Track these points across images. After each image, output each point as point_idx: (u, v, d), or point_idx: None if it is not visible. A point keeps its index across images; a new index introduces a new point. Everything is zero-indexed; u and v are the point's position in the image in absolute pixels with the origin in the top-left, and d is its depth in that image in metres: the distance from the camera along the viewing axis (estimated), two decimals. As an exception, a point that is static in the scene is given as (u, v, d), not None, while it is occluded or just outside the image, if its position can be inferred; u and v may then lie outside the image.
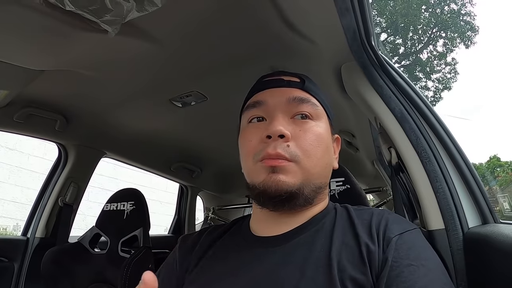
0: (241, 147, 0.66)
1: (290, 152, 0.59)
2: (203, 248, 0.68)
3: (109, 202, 1.44)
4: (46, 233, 1.38)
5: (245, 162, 0.64)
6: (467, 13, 11.62)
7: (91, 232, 1.40)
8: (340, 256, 0.54)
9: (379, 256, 0.53)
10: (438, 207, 0.71)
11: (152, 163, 1.81)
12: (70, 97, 1.22)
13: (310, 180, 0.60)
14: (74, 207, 1.46)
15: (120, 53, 0.94)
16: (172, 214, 2.20)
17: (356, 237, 0.56)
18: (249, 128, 0.65)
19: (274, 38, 0.90)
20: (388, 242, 0.54)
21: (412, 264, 0.50)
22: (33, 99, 1.19)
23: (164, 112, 1.33)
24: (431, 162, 0.75)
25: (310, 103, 0.65)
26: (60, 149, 1.45)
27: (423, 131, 0.78)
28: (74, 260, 1.32)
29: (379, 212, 0.62)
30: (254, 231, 0.66)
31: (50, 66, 0.97)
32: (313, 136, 0.62)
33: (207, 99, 1.23)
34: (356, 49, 0.85)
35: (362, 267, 0.52)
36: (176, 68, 1.04)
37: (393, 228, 0.57)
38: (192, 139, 1.65)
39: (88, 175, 1.52)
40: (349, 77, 0.93)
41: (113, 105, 1.27)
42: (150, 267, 1.23)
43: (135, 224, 1.37)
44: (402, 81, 0.85)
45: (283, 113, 0.63)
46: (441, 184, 0.72)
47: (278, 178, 0.57)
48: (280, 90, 0.66)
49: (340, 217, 0.63)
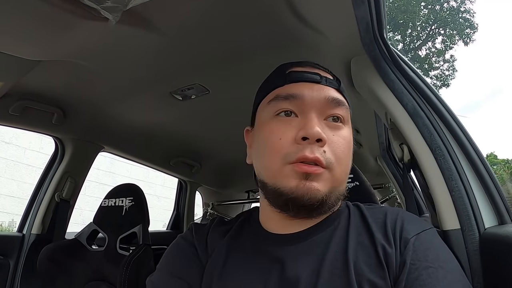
0: (264, 143, 0.59)
1: (326, 159, 0.54)
2: (216, 239, 0.65)
3: (107, 197, 1.41)
4: (42, 230, 1.35)
5: (268, 161, 0.57)
6: (466, 10, 11.64)
7: (88, 228, 1.37)
8: (357, 258, 0.52)
9: (397, 259, 0.51)
10: (453, 206, 0.68)
11: (151, 157, 1.77)
12: (67, 89, 1.18)
13: (336, 188, 0.57)
14: (71, 203, 1.42)
15: (120, 43, 0.90)
16: (169, 208, 2.17)
17: (371, 237, 0.55)
18: (277, 123, 0.58)
19: (281, 30, 0.86)
20: (406, 243, 0.52)
21: (431, 266, 0.49)
22: (29, 91, 1.15)
23: (164, 105, 1.30)
24: (446, 159, 0.72)
25: (345, 106, 0.61)
26: (57, 143, 1.41)
27: (436, 127, 0.76)
28: (71, 257, 1.28)
29: (392, 210, 0.60)
30: (267, 228, 0.63)
31: (47, 56, 0.93)
32: (345, 143, 0.58)
33: (209, 92, 1.20)
34: (367, 42, 0.82)
35: (380, 270, 0.51)
36: (179, 59, 1.00)
37: (409, 228, 0.55)
38: (192, 133, 1.61)
39: (85, 170, 1.48)
40: (359, 71, 0.90)
41: (112, 97, 1.24)
42: (150, 265, 1.21)
43: (134, 220, 1.34)
44: (414, 76, 0.82)
45: (318, 112, 0.58)
46: (457, 183, 0.69)
47: (312, 186, 0.53)
48: (318, 87, 0.60)
49: (353, 216, 0.60)
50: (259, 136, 0.62)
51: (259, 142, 0.62)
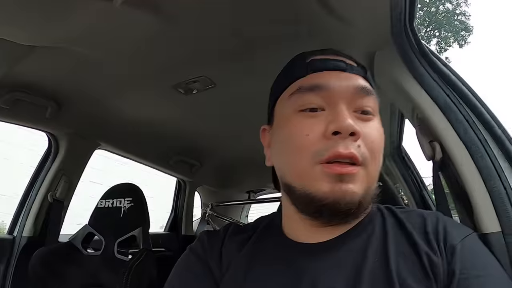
0: (288, 141, 0.53)
1: (362, 154, 0.49)
2: (232, 251, 0.58)
3: (103, 198, 1.33)
4: (34, 232, 1.26)
5: (295, 160, 0.52)
6: (461, 13, 11.67)
7: (83, 231, 1.29)
8: (399, 267, 0.47)
9: (444, 268, 0.47)
10: (493, 208, 0.63)
11: (150, 156, 1.69)
12: (63, 80, 1.09)
13: (370, 187, 0.52)
14: (65, 204, 1.33)
15: (124, 30, 0.82)
16: (162, 209, 2.08)
17: (413, 245, 0.49)
18: (301, 118, 0.52)
19: (301, 18, 0.80)
20: (452, 251, 0.48)
21: (480, 275, 0.46)
22: (21, 82, 1.06)
23: (167, 99, 1.23)
24: (483, 157, 0.66)
25: (373, 96, 0.55)
26: (50, 139, 1.32)
27: (471, 123, 0.70)
28: (65, 262, 1.20)
29: (430, 213, 0.55)
30: (292, 237, 0.57)
31: (42, 41, 0.85)
32: (379, 136, 0.53)
33: (215, 85, 1.12)
34: (397, 33, 0.76)
35: (426, 280, 0.46)
36: (185, 49, 0.93)
37: (453, 233, 0.50)
38: (194, 130, 1.54)
39: (80, 168, 1.39)
40: (384, 65, 0.84)
41: (111, 90, 1.16)
42: (151, 272, 1.13)
43: (133, 223, 1.26)
44: (445, 69, 0.76)
45: (347, 104, 0.52)
46: (495, 182, 0.64)
47: (348, 189, 0.48)
48: (345, 75, 0.54)
49: (388, 220, 0.55)
50: (282, 133, 0.56)
51: (281, 139, 0.56)
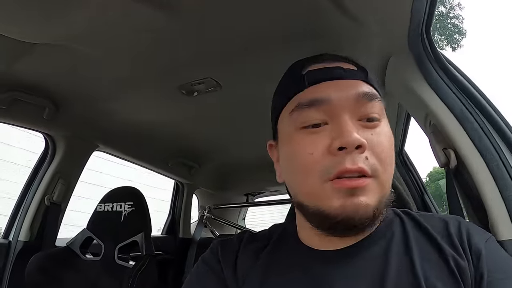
0: (293, 160, 0.52)
1: (371, 166, 0.47)
2: (248, 261, 0.57)
3: (103, 202, 1.29)
4: (31, 236, 1.21)
5: (303, 181, 0.51)
6: (455, 16, 11.61)
7: (82, 235, 1.25)
8: (426, 273, 0.46)
9: (471, 272, 0.46)
10: (508, 216, 0.63)
11: (149, 158, 1.65)
12: (62, 80, 1.05)
13: (384, 195, 0.50)
14: (62, 207, 1.29)
15: (129, 26, 0.78)
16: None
17: (439, 249, 0.49)
18: (304, 135, 0.51)
19: (313, 16, 0.77)
20: (478, 254, 0.48)
21: (503, 278, 0.46)
22: (19, 81, 1.01)
23: (170, 101, 1.19)
24: (499, 166, 0.67)
25: (378, 99, 0.52)
26: (47, 140, 1.27)
27: (486, 132, 0.71)
28: (63, 267, 1.16)
29: (451, 217, 0.55)
30: (308, 244, 0.55)
31: (43, 38, 0.80)
32: (387, 142, 0.51)
33: (221, 87, 1.09)
34: (413, 39, 0.77)
35: (455, 285, 0.45)
36: (193, 49, 0.89)
37: (476, 237, 0.50)
38: (195, 132, 1.50)
39: (78, 171, 1.35)
40: (398, 70, 0.84)
41: (112, 91, 1.12)
42: (155, 278, 1.10)
43: (134, 228, 1.23)
44: (460, 77, 0.77)
45: (350, 113, 0.50)
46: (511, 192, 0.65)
47: (360, 202, 0.46)
48: (344, 83, 0.52)
49: (408, 225, 0.54)
50: (286, 152, 0.54)
51: (287, 158, 0.55)
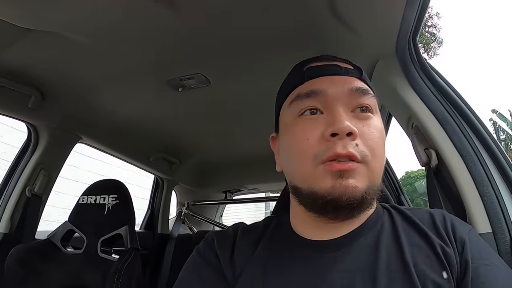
0: (291, 147, 0.57)
1: (360, 152, 0.51)
2: (245, 252, 0.59)
3: (85, 194, 1.27)
4: (11, 228, 1.17)
5: (299, 165, 0.55)
6: (433, 25, 11.94)
7: (63, 228, 1.22)
8: (415, 260, 0.50)
9: (457, 259, 0.50)
10: (485, 211, 0.70)
11: (131, 152, 1.63)
12: (50, 69, 1.02)
13: (374, 182, 0.54)
14: (43, 198, 1.25)
15: (121, 17, 0.78)
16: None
17: (426, 238, 0.53)
18: (302, 122, 0.56)
19: (309, 22, 0.81)
20: (462, 243, 0.52)
21: (487, 264, 0.50)
22: (6, 68, 0.98)
23: (158, 95, 1.18)
24: (476, 165, 0.74)
25: (371, 95, 0.58)
26: (30, 130, 1.23)
27: (466, 134, 0.77)
28: (44, 260, 1.13)
29: (435, 211, 0.59)
30: (302, 234, 0.58)
31: (35, 23, 0.79)
32: (378, 133, 0.55)
33: (209, 83, 1.11)
34: (401, 45, 0.82)
35: (443, 271, 0.49)
36: (186, 44, 0.90)
37: (460, 227, 0.55)
38: (180, 127, 1.50)
39: (60, 163, 1.31)
40: (385, 74, 0.89)
41: (100, 83, 1.10)
42: (140, 272, 1.10)
43: (118, 221, 1.22)
44: (443, 83, 0.83)
45: (344, 105, 0.54)
46: (488, 188, 0.71)
47: (348, 184, 0.50)
48: (339, 79, 0.57)
49: (396, 217, 0.58)
50: (286, 140, 0.59)
51: (286, 146, 0.59)
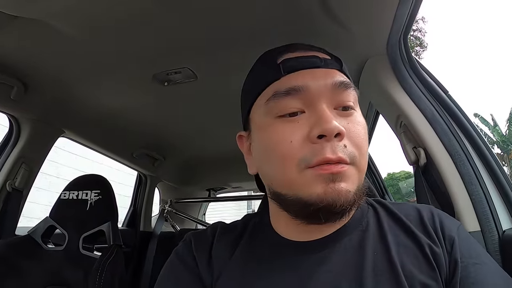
0: (270, 149, 0.51)
1: (349, 154, 0.47)
2: (223, 255, 0.56)
3: (67, 189, 1.23)
4: (-11, 224, 1.12)
5: (281, 170, 0.49)
6: (418, 29, 12.19)
7: (44, 224, 1.18)
8: (402, 260, 0.48)
9: (445, 258, 0.48)
10: (473, 209, 0.71)
11: (114, 147, 1.58)
12: (34, 59, 0.98)
13: (361, 182, 0.51)
14: (24, 193, 1.20)
15: (109, 7, 0.75)
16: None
17: (413, 237, 0.50)
18: (282, 124, 0.50)
19: (300, 18, 0.79)
20: (451, 241, 0.50)
21: (476, 263, 0.48)
22: None
23: (143, 89, 1.14)
24: (465, 164, 0.75)
25: (352, 88, 0.53)
26: (12, 123, 1.18)
27: (454, 134, 0.78)
28: (25, 257, 1.09)
29: (422, 206, 0.57)
30: (284, 235, 0.55)
31: (27, 11, 0.75)
32: (362, 129, 0.52)
33: (196, 78, 1.08)
34: (392, 44, 0.82)
35: (431, 271, 0.47)
36: (175, 37, 0.88)
37: (448, 224, 0.52)
38: (164, 123, 1.46)
39: (42, 156, 1.26)
40: (375, 72, 0.89)
41: (84, 75, 1.05)
42: (122, 269, 1.07)
43: (101, 217, 1.19)
44: (433, 83, 0.84)
45: (327, 102, 0.50)
46: (476, 187, 0.73)
47: (341, 188, 0.46)
48: (320, 72, 0.52)
49: (382, 214, 0.55)
50: (263, 141, 0.53)
51: (263, 148, 0.53)
